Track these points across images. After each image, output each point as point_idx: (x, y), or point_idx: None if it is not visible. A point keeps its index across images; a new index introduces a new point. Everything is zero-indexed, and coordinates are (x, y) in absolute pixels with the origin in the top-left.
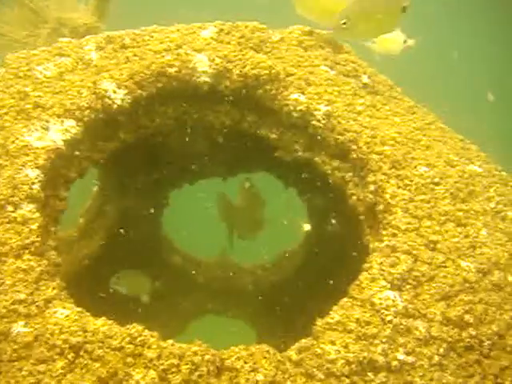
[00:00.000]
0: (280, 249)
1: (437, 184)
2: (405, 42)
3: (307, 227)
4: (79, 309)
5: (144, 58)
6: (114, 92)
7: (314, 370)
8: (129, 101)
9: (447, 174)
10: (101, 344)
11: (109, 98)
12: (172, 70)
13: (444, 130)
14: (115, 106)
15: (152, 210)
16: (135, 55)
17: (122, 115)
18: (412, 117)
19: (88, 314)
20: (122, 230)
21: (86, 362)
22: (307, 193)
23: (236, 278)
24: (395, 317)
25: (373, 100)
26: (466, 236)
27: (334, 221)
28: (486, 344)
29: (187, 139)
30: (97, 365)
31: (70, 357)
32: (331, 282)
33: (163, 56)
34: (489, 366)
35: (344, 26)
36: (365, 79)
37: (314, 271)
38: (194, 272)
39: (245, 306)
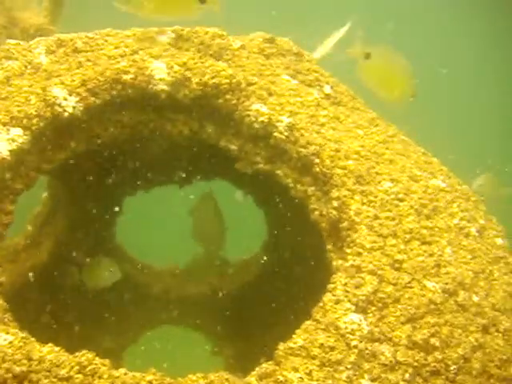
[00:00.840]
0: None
1: (401, 200)
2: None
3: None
4: (24, 334)
5: (97, 63)
6: (65, 99)
7: None
8: (81, 109)
9: (411, 190)
10: (47, 373)
11: (59, 105)
12: (127, 77)
13: (406, 142)
14: (66, 114)
15: (107, 217)
16: (88, 60)
17: (74, 124)
18: (375, 129)
19: (33, 339)
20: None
21: None
22: (266, 204)
23: (192, 286)
24: (360, 341)
25: (336, 111)
26: (431, 255)
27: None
28: (452, 368)
29: (141, 147)
30: None
31: None
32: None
33: (118, 62)
34: None
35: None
36: (327, 89)
37: (272, 280)
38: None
39: (201, 315)
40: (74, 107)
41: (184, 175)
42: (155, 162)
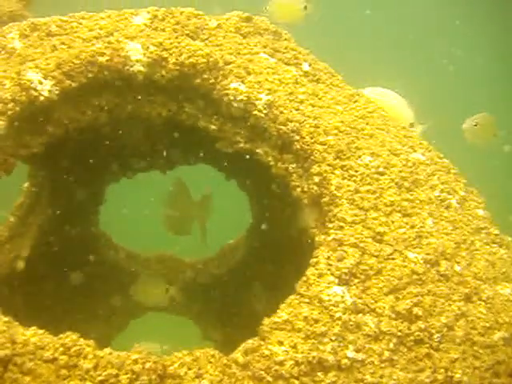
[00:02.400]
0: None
1: (381, 174)
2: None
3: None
4: (6, 318)
5: (72, 46)
6: (40, 83)
7: (262, 372)
8: (56, 92)
9: (391, 164)
10: (31, 356)
11: (34, 89)
12: (103, 59)
13: (386, 118)
14: (42, 98)
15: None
16: (63, 43)
17: (50, 108)
18: (354, 105)
19: (17, 323)
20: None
21: (15, 377)
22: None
23: (177, 273)
24: (344, 313)
25: (314, 88)
26: (412, 226)
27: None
28: (435, 337)
29: (121, 132)
30: (28, 379)
31: None
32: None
33: (93, 44)
34: (439, 360)
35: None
36: (305, 67)
37: (256, 264)
38: (133, 269)
39: (187, 301)
40: (49, 91)
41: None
42: (136, 147)
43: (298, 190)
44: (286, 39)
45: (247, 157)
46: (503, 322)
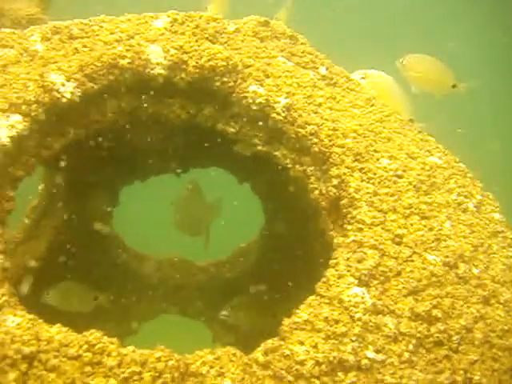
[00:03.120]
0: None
1: (400, 177)
2: None
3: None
4: (31, 316)
5: (94, 49)
6: (63, 85)
7: (283, 372)
8: (79, 94)
9: (409, 167)
10: (56, 353)
11: (57, 91)
12: (124, 62)
13: (402, 122)
14: (64, 99)
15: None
16: (84, 46)
17: (72, 110)
18: (371, 109)
19: (41, 321)
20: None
21: (40, 373)
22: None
23: (190, 276)
24: (364, 314)
25: (332, 92)
26: (431, 229)
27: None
28: (454, 338)
29: (139, 133)
30: (52, 375)
31: (22, 368)
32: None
33: (114, 47)
34: (458, 361)
35: None
36: (323, 71)
37: (269, 268)
38: (146, 271)
39: (200, 304)
40: (71, 93)
41: (180, 165)
42: (152, 150)
43: (316, 192)
44: (302, 43)
45: (261, 160)
46: None
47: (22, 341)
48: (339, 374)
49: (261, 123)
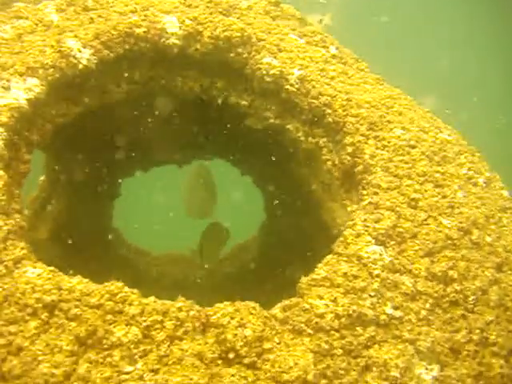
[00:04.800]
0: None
1: (413, 147)
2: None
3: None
4: (51, 268)
5: (109, 19)
6: (80, 51)
7: (302, 325)
8: (95, 61)
9: (422, 138)
10: (77, 302)
11: (74, 57)
12: (140, 31)
13: (411, 101)
14: (81, 65)
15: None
16: (100, 16)
17: (88, 77)
18: (382, 87)
19: (61, 273)
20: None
21: (61, 322)
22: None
23: (189, 271)
24: (382, 271)
25: (343, 68)
26: (444, 196)
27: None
28: (470, 299)
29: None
30: (73, 324)
31: (43, 316)
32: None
33: (130, 17)
34: (474, 321)
35: None
36: (333, 50)
37: (270, 262)
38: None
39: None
40: (88, 59)
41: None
42: (154, 140)
43: (329, 163)
44: (311, 25)
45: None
46: None
47: (44, 290)
48: (358, 328)
49: (273, 96)
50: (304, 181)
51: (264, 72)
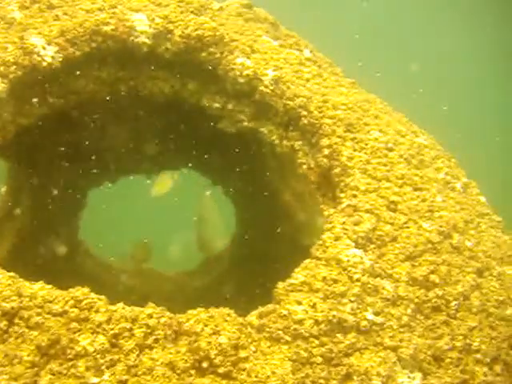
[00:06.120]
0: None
1: (390, 150)
2: None
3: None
4: (11, 273)
5: (76, 16)
6: (44, 48)
7: (280, 332)
8: (60, 59)
9: (399, 142)
10: (39, 310)
11: (38, 54)
12: (108, 28)
13: (387, 106)
14: (45, 63)
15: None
16: (65, 14)
17: (52, 76)
18: (357, 90)
19: (21, 279)
20: None
21: (22, 331)
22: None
23: (158, 285)
24: (363, 275)
25: (318, 70)
26: (424, 200)
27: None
28: (452, 304)
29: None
30: (35, 333)
31: (2, 325)
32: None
33: (97, 14)
34: (457, 327)
35: None
36: (307, 53)
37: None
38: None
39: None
40: (52, 57)
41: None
42: (122, 148)
43: (305, 167)
44: (285, 29)
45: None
46: None
47: (2, 297)
48: (338, 335)
49: (247, 98)
50: (277, 190)
51: (237, 73)
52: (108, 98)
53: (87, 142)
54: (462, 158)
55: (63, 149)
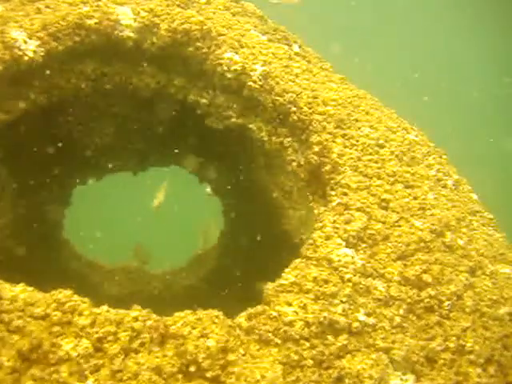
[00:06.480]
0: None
1: (381, 146)
2: None
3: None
4: None
5: (58, 9)
6: (25, 42)
7: (269, 334)
8: (42, 53)
9: (390, 138)
10: (20, 313)
11: (19, 48)
12: (91, 22)
13: (377, 101)
14: (26, 57)
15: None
16: (47, 7)
17: (34, 71)
18: (346, 86)
19: (2, 281)
20: None
21: (2, 335)
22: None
23: (145, 284)
24: (354, 275)
25: (308, 66)
26: (415, 198)
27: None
28: (445, 304)
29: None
30: (16, 337)
31: None
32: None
33: (80, 7)
34: (450, 328)
35: None
36: (296, 48)
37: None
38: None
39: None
40: (34, 51)
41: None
42: (107, 144)
43: (294, 164)
44: (273, 23)
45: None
46: (508, 297)
47: None
48: (329, 336)
49: (235, 93)
50: (265, 188)
51: (225, 68)
52: (91, 94)
53: (71, 139)
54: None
55: (46, 145)
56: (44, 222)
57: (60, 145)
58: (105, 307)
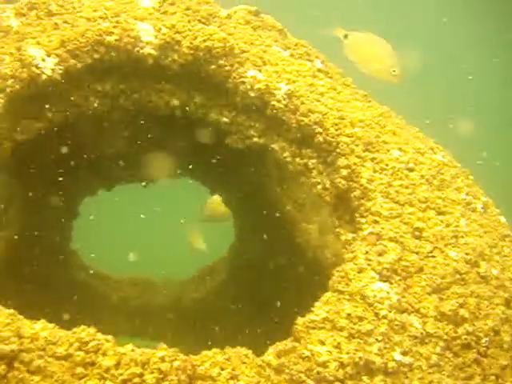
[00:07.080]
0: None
1: (411, 170)
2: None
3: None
4: (11, 310)
5: (76, 25)
6: (43, 60)
7: (302, 375)
8: (60, 71)
9: (419, 161)
10: (41, 352)
11: (36, 66)
12: (111, 39)
13: (401, 120)
14: (44, 76)
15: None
16: (65, 22)
17: (52, 90)
18: (371, 104)
19: (21, 317)
20: None
21: (22, 376)
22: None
23: (153, 296)
24: (390, 311)
25: (332, 83)
26: (448, 225)
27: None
28: (483, 341)
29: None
30: (37, 378)
31: (1, 370)
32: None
33: (99, 23)
34: (488, 366)
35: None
36: (318, 64)
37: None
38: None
39: (163, 326)
40: (52, 69)
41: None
42: (117, 155)
43: (319, 187)
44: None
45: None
46: None
47: (1, 338)
48: (364, 377)
49: (258, 112)
50: (277, 200)
51: (248, 86)
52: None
53: (85, 155)
54: None
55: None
56: (52, 232)
57: (72, 163)
58: (129, 346)
